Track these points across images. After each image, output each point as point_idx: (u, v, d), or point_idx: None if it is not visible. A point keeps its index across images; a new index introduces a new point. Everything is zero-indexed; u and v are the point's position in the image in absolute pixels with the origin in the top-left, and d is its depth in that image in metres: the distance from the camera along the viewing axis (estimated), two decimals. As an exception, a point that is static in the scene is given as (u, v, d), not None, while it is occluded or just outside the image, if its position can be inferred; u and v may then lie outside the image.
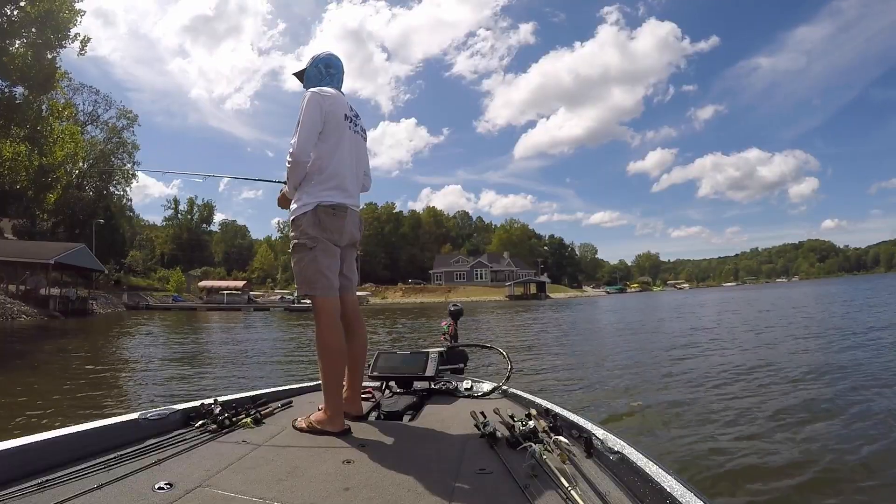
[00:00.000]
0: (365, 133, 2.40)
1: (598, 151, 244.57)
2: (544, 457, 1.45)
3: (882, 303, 21.29)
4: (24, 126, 20.29)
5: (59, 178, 22.88)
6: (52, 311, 27.16)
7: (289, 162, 2.12)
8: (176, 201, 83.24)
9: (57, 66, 21.10)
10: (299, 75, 2.44)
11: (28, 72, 19.48)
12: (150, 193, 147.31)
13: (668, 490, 1.18)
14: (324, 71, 2.37)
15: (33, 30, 18.85)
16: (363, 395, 2.47)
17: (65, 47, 20.09)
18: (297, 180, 2.16)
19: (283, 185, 2.33)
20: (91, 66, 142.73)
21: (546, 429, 1.72)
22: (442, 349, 3.05)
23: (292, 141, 2.10)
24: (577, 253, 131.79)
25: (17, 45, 19.19)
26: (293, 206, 2.16)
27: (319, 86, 2.27)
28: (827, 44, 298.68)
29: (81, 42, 20.41)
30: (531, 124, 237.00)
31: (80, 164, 44.31)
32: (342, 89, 2.43)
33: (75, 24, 19.81)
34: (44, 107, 21.08)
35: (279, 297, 60.46)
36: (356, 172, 2.29)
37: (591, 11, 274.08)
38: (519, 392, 2.55)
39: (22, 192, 23.37)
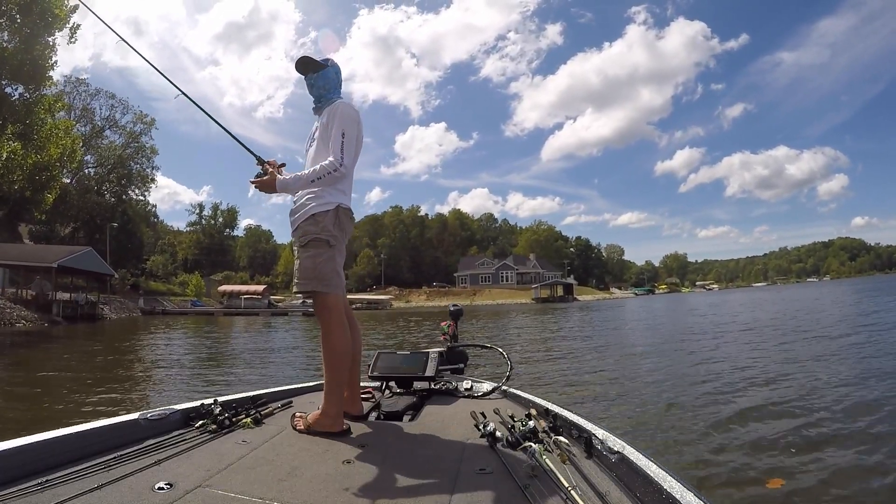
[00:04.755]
0: None
1: (625, 152, 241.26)
2: (544, 457, 1.44)
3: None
4: (16, 122, 19.23)
5: (55, 176, 21.79)
6: (55, 317, 26.14)
7: (335, 171, 2.07)
8: (200, 206, 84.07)
9: (49, 58, 19.97)
10: (311, 64, 2.24)
11: (19, 66, 18.43)
12: (180, 200, 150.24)
13: (668, 490, 1.18)
14: (335, 79, 2.30)
15: (17, 16, 17.70)
16: (363, 395, 2.42)
17: (53, 35, 18.97)
18: (324, 186, 2.12)
19: (271, 169, 2.23)
20: (116, 77, 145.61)
21: (546, 429, 1.70)
22: (442, 349, 2.97)
23: (339, 153, 2.07)
24: (604, 254, 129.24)
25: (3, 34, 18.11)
26: (310, 202, 2.11)
27: (334, 92, 2.30)
28: (850, 36, 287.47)
29: (71, 29, 19.33)
30: (559, 126, 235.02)
31: (86, 164, 43.72)
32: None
33: (63, 11, 18.63)
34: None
35: (301, 301, 59.47)
36: None
37: (618, 11, 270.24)
38: (519, 392, 2.49)
39: (20, 192, 22.27)
